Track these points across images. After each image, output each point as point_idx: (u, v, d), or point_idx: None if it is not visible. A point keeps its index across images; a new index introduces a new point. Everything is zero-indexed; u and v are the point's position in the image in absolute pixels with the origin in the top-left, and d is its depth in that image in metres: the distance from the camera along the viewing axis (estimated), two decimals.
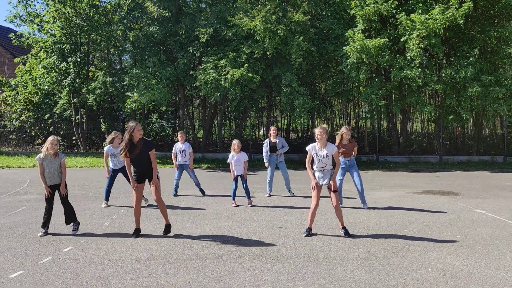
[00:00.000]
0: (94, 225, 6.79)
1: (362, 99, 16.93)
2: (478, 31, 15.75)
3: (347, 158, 8.05)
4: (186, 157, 9.62)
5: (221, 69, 15.62)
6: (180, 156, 9.61)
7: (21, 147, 21.06)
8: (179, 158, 9.62)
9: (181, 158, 9.61)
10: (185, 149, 9.59)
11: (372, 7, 15.21)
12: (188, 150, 9.61)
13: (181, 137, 9.67)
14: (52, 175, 6.22)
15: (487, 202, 8.77)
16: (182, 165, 9.66)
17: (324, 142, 6.05)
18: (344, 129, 8.02)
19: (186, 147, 9.61)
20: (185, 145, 9.63)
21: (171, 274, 4.58)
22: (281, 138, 9.67)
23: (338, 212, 6.16)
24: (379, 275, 4.53)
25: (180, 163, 9.64)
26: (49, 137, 6.33)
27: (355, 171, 8.14)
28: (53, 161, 6.20)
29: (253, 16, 15.73)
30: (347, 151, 7.98)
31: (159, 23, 17.60)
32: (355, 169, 8.15)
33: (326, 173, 6.10)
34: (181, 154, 9.59)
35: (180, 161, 9.63)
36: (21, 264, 4.91)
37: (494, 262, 4.95)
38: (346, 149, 7.96)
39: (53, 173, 6.23)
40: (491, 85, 14.88)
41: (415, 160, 17.48)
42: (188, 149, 9.61)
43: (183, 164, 9.65)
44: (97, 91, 17.95)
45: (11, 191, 10.25)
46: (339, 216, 6.18)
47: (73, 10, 18.01)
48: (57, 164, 6.25)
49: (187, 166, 9.66)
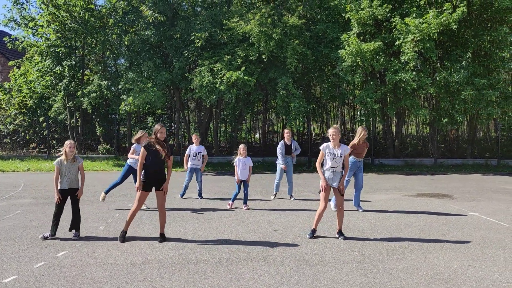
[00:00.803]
0: (89, 229, 6.75)
1: (357, 102, 17.01)
2: (472, 35, 15.89)
3: (359, 159, 8.09)
4: (199, 160, 9.59)
5: (217, 72, 15.64)
6: (195, 159, 9.54)
7: (16, 151, 20.94)
8: (191, 161, 9.56)
9: (195, 161, 9.56)
10: (201, 152, 9.58)
11: (367, 11, 15.31)
12: (203, 153, 9.62)
13: (196, 139, 9.66)
14: (71, 179, 6.19)
15: (481, 205, 8.82)
16: (195, 168, 9.61)
17: (338, 142, 6.09)
18: (362, 129, 8.07)
19: (202, 149, 9.61)
20: (201, 147, 9.63)
21: (166, 278, 4.56)
22: (294, 141, 9.71)
23: (341, 214, 6.17)
24: (374, 278, 4.54)
25: (193, 166, 9.59)
26: (66, 141, 6.32)
27: (361, 172, 8.22)
28: (72, 165, 6.19)
29: (248, 20, 15.78)
30: (361, 151, 8.04)
31: (154, 27, 17.60)
32: (361, 171, 8.24)
33: (336, 174, 6.09)
34: (196, 156, 9.54)
35: (193, 164, 9.58)
36: (15, 269, 4.87)
37: (488, 265, 4.98)
38: (361, 149, 8.02)
39: (72, 177, 6.20)
40: (484, 88, 15.01)
41: (410, 163, 17.56)
42: (203, 151, 9.62)
43: (195, 167, 9.60)
44: (92, 94, 17.90)
45: (5, 196, 10.18)
46: (341, 219, 6.18)
47: (67, 14, 17.97)
48: (76, 168, 6.24)
49: (199, 169, 9.63)
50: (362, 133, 8.03)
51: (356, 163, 8.11)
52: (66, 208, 6.33)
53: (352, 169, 8.10)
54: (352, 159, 8.06)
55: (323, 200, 6.04)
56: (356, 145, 8.04)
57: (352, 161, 8.06)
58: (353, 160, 8.07)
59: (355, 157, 8.07)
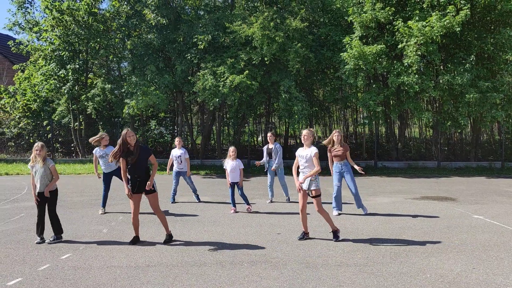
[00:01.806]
0: (92, 232, 6.77)
1: (360, 105, 17.00)
2: (475, 38, 15.86)
3: (340, 161, 8.07)
4: (182, 164, 9.46)
5: (219, 76, 15.68)
6: (176, 163, 9.48)
7: (20, 154, 21.04)
8: (175, 165, 9.51)
9: (177, 165, 9.49)
10: (181, 155, 9.43)
11: (370, 14, 15.32)
12: (184, 156, 9.44)
13: (179, 143, 9.55)
14: (42, 182, 6.15)
15: (485, 208, 8.78)
16: (180, 171, 9.54)
17: (309, 144, 6.17)
18: (335, 132, 8.08)
19: (182, 152, 9.45)
20: (182, 150, 9.50)
21: (169, 281, 4.57)
22: (277, 144, 9.53)
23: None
24: (378, 281, 4.53)
25: (177, 170, 9.53)
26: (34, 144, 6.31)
27: (349, 174, 8.13)
28: (41, 168, 6.14)
29: (251, 23, 15.83)
30: (339, 154, 8.01)
31: (157, 30, 17.68)
32: (349, 173, 8.13)
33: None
34: (177, 160, 9.46)
35: (177, 168, 9.51)
36: (20, 272, 4.89)
37: (493, 268, 4.96)
38: (338, 152, 8.00)
39: (43, 180, 6.14)
40: (488, 91, 14.96)
41: (413, 166, 17.51)
42: (184, 154, 9.44)
43: (180, 171, 9.53)
44: (96, 98, 17.97)
45: (9, 198, 10.22)
46: (327, 221, 6.26)
47: (71, 18, 18.07)
48: (47, 171, 6.16)
49: (184, 173, 9.52)
50: (335, 135, 8.02)
51: (338, 166, 8.09)
52: (67, 211, 6.35)
53: (337, 173, 8.09)
54: (334, 163, 8.11)
55: (300, 200, 6.24)
56: (330, 148, 8.05)
57: (334, 165, 8.10)
58: (335, 163, 8.10)
59: (336, 160, 8.09)
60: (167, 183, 12.12)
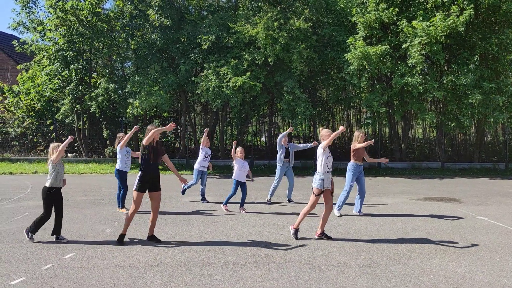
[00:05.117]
0: (96, 232, 6.79)
1: (363, 105, 16.97)
2: (479, 38, 15.80)
3: (360, 163, 8.06)
4: (207, 163, 9.52)
5: (223, 76, 15.70)
6: (204, 162, 9.42)
7: (24, 154, 21.11)
8: (202, 163, 9.42)
9: (204, 164, 9.44)
10: (210, 154, 9.58)
11: (373, 14, 15.29)
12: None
13: (207, 142, 9.69)
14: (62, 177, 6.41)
15: (489, 209, 8.74)
16: (204, 172, 9.54)
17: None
18: (360, 132, 8.09)
19: (210, 152, 9.65)
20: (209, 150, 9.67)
21: (172, 281, 4.57)
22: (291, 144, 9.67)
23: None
24: (381, 282, 4.52)
25: (202, 170, 9.47)
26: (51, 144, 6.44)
27: (363, 176, 8.18)
28: (61, 164, 6.44)
29: (254, 23, 15.83)
30: (360, 155, 8.01)
31: (161, 31, 17.71)
32: (363, 175, 8.21)
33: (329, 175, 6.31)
34: (206, 159, 9.46)
35: (203, 167, 9.47)
36: (23, 271, 4.91)
37: (497, 269, 4.93)
38: (360, 153, 8.00)
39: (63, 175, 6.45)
40: (492, 92, 14.89)
41: (417, 166, 17.46)
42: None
43: (204, 170, 9.52)
44: (100, 98, 18.01)
45: (13, 198, 10.26)
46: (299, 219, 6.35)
47: (75, 18, 18.12)
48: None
49: (206, 173, 9.61)
50: (361, 136, 8.00)
51: (358, 167, 8.06)
52: (70, 210, 6.37)
53: (355, 174, 8.05)
54: (353, 163, 8.04)
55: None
56: (359, 149, 8.00)
57: (354, 165, 8.03)
58: (354, 164, 8.04)
59: (356, 161, 8.03)
60: (170, 183, 12.14)
